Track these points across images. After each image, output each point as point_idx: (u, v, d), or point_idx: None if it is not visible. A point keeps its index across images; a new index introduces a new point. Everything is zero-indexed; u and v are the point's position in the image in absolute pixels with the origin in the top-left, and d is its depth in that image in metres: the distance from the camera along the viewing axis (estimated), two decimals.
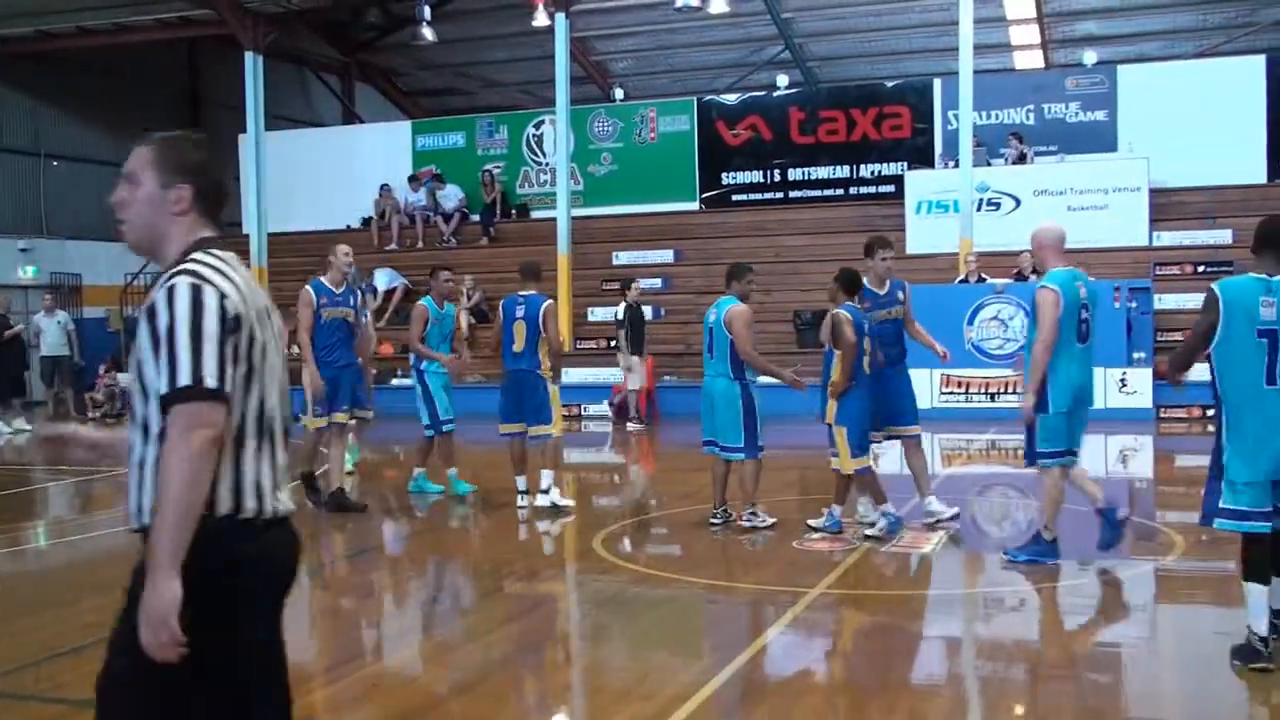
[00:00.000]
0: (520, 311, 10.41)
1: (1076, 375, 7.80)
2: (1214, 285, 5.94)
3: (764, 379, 9.42)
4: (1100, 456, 14.84)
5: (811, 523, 9.18)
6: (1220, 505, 5.79)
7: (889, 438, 9.55)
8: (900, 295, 9.39)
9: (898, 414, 9.32)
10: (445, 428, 11.30)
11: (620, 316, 18.30)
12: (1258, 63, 22.92)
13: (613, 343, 19.28)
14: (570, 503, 10.66)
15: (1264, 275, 5.83)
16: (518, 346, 10.38)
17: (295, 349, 18.45)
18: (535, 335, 10.30)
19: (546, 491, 10.43)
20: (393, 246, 26.27)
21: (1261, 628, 5.72)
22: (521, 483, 10.63)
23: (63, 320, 22.37)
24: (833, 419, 8.94)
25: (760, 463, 9.33)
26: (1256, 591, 5.75)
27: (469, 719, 5.40)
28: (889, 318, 9.30)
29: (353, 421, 11.19)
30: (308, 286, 10.80)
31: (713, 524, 9.41)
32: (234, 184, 27.51)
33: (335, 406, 10.74)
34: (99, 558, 9.70)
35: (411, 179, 26.98)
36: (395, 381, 20.29)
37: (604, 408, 19.95)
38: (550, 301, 10.47)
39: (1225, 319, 5.77)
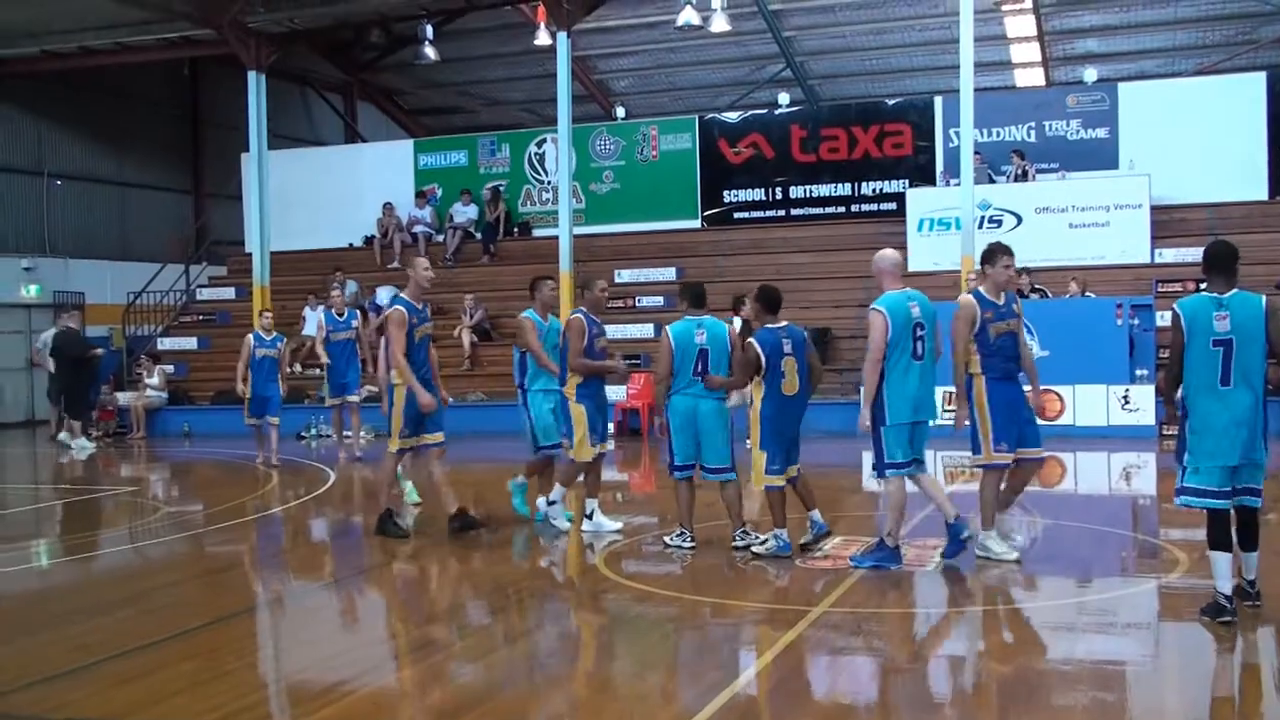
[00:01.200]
0: (562, 326, 10.29)
1: (914, 389, 8.41)
2: (1175, 305, 7.06)
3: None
4: (1104, 473, 14.84)
5: (755, 549, 9.08)
6: (1184, 485, 6.95)
7: (1017, 461, 8.69)
8: (1015, 307, 8.71)
9: (1028, 435, 8.68)
10: (540, 453, 10.62)
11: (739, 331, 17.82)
12: (1258, 80, 22.98)
13: None
14: (564, 524, 10.33)
15: (1216, 294, 6.92)
16: (557, 363, 10.24)
17: (297, 367, 18.27)
18: (565, 351, 10.12)
19: (553, 503, 10.34)
20: (395, 265, 26.30)
21: (1226, 588, 6.81)
22: (588, 504, 10.41)
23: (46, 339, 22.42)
24: (756, 443, 8.92)
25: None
26: (1221, 559, 6.84)
27: None
28: (1008, 330, 8.60)
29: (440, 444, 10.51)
30: (398, 306, 10.17)
31: (735, 548, 9.30)
32: (236, 202, 27.64)
33: (431, 427, 10.29)
34: (101, 577, 9.70)
35: (418, 195, 27.08)
36: None
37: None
38: (571, 317, 10.16)
39: (1188, 332, 6.88)
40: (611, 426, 19.64)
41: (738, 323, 17.65)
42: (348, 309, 17.24)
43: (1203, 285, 7.17)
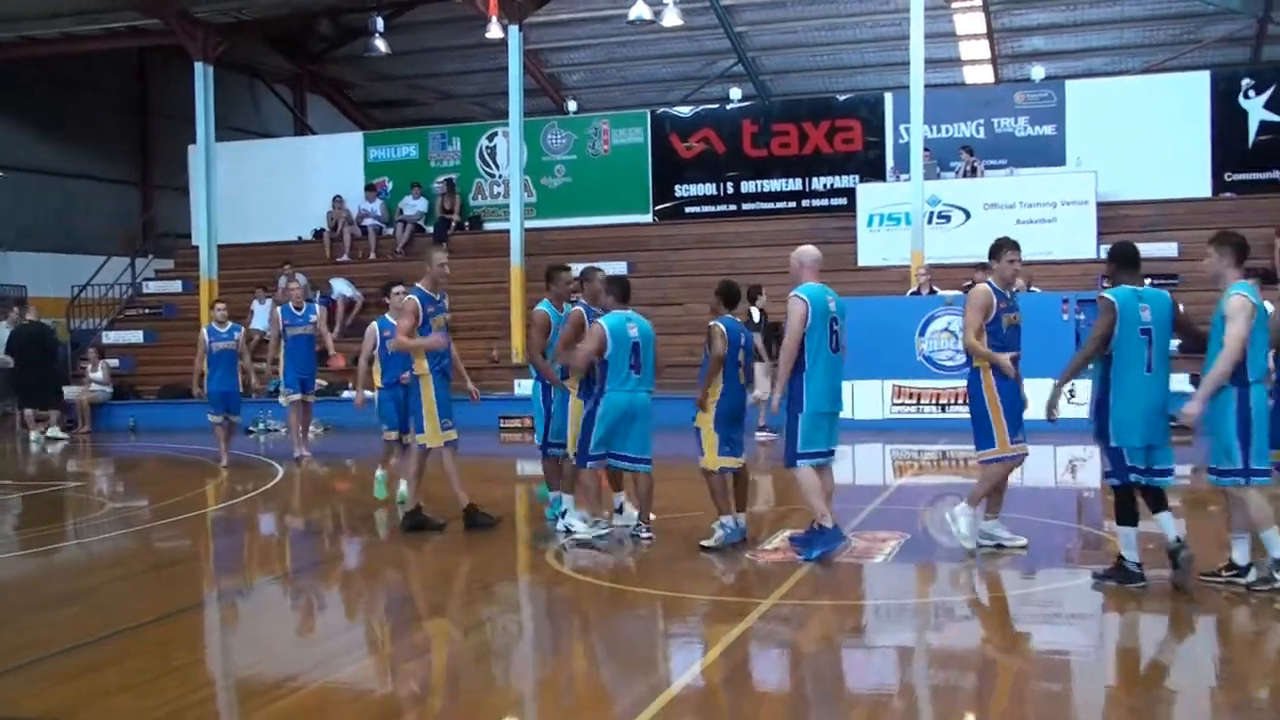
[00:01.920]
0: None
1: (831, 380, 8.65)
2: (1108, 294, 7.59)
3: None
4: (1049, 466, 14.99)
5: (704, 543, 9.09)
6: (1114, 466, 7.56)
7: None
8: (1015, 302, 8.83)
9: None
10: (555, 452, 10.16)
11: (757, 321, 17.26)
12: (1202, 78, 23.30)
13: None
14: (583, 531, 9.66)
15: (1134, 286, 7.57)
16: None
17: (247, 358, 17.93)
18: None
19: (561, 515, 9.89)
20: (345, 258, 26.14)
21: (1134, 556, 7.47)
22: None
23: None
24: (710, 428, 9.08)
25: None
26: (1130, 532, 7.50)
27: None
28: (1016, 322, 8.76)
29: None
30: (411, 295, 9.98)
31: (644, 537, 9.36)
32: (184, 195, 27.31)
33: (453, 421, 10.08)
34: (44, 573, 9.58)
35: (368, 188, 26.90)
36: (345, 394, 20.13)
37: None
38: (572, 310, 9.93)
39: (1121, 320, 7.42)
40: None
41: (755, 313, 17.50)
42: (306, 303, 16.51)
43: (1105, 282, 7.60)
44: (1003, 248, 8.76)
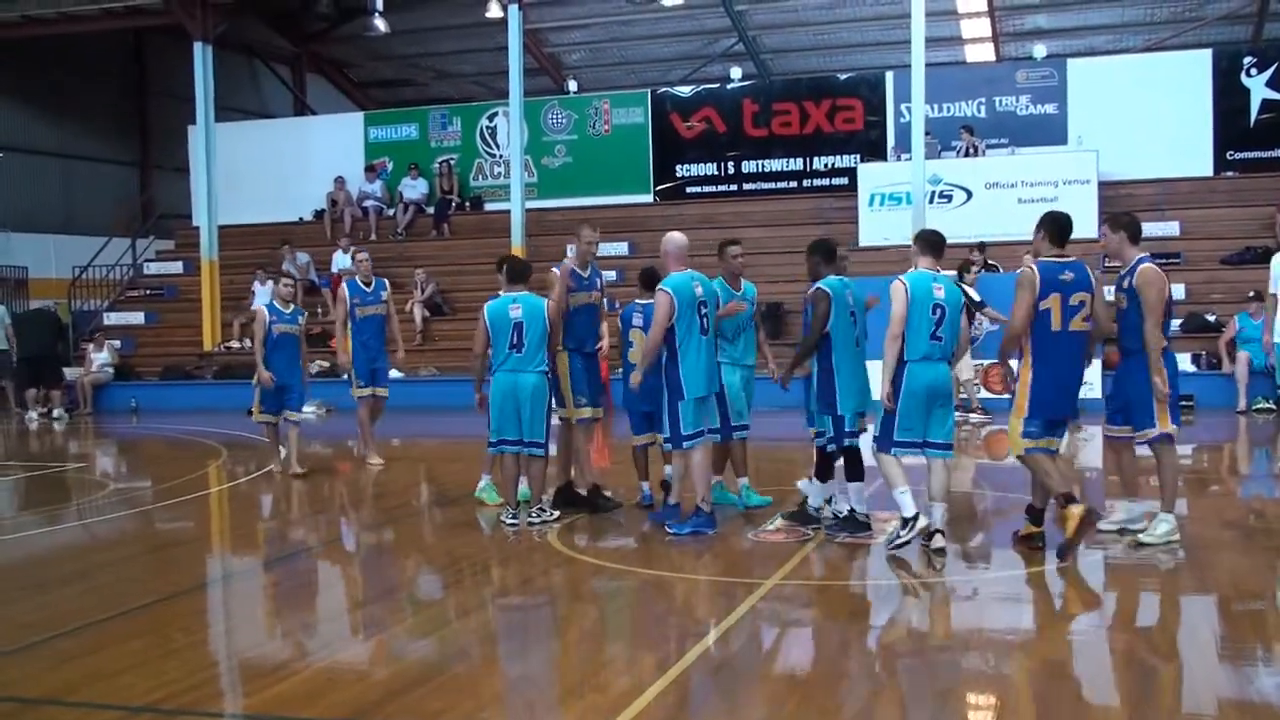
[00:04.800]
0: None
1: (705, 363, 8.85)
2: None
3: None
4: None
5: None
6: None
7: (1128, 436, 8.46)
8: (1126, 282, 8.45)
9: (1136, 411, 8.29)
10: (738, 434, 9.71)
11: (978, 300, 16.34)
12: (1204, 56, 23.23)
13: None
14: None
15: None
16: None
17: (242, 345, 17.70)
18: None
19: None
20: (346, 239, 26.10)
21: (861, 507, 8.71)
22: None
23: (0, 314, 22.10)
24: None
25: None
26: (856, 486, 8.73)
27: (424, 713, 5.38)
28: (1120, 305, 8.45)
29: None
30: (555, 269, 10.05)
31: (532, 523, 9.44)
32: (184, 175, 27.25)
33: (587, 399, 10.09)
34: (46, 554, 9.59)
35: (368, 169, 26.86)
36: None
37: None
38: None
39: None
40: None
41: (971, 291, 16.95)
42: (374, 278, 13.57)
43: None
44: (1102, 226, 8.78)
